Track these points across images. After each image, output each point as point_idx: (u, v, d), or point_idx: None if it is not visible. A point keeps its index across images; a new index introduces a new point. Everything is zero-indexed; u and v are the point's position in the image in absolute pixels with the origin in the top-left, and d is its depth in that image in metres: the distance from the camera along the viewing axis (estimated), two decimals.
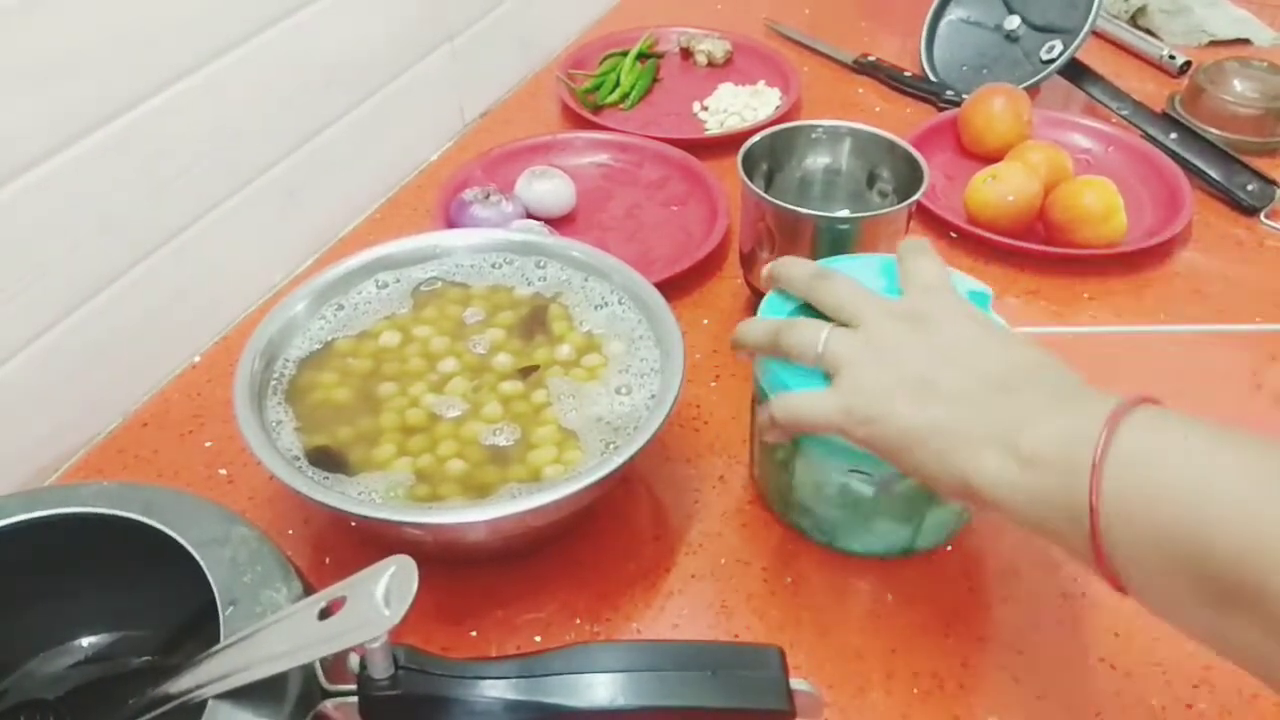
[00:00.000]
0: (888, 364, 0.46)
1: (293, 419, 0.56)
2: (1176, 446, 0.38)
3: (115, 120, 0.61)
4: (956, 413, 0.44)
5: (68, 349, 0.63)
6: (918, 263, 0.51)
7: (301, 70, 0.76)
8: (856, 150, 0.74)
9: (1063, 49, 0.97)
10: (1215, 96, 0.95)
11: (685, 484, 0.63)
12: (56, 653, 0.49)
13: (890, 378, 0.46)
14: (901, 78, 1.04)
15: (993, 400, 0.44)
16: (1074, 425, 0.40)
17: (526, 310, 0.63)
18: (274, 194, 0.76)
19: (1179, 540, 0.36)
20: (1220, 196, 0.88)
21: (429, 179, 0.91)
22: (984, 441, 0.43)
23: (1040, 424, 0.42)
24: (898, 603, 0.56)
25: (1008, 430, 0.42)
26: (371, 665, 0.37)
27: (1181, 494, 0.36)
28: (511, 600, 0.56)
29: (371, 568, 0.36)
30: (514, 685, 0.39)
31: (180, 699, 0.37)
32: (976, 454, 0.43)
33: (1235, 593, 0.34)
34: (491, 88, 1.02)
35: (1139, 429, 0.39)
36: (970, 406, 0.44)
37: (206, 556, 0.41)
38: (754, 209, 0.70)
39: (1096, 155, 0.92)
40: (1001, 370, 0.45)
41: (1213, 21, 1.13)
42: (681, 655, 0.40)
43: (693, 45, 1.08)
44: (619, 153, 0.92)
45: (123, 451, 0.66)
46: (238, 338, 0.74)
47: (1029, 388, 0.44)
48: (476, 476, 0.54)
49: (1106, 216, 0.78)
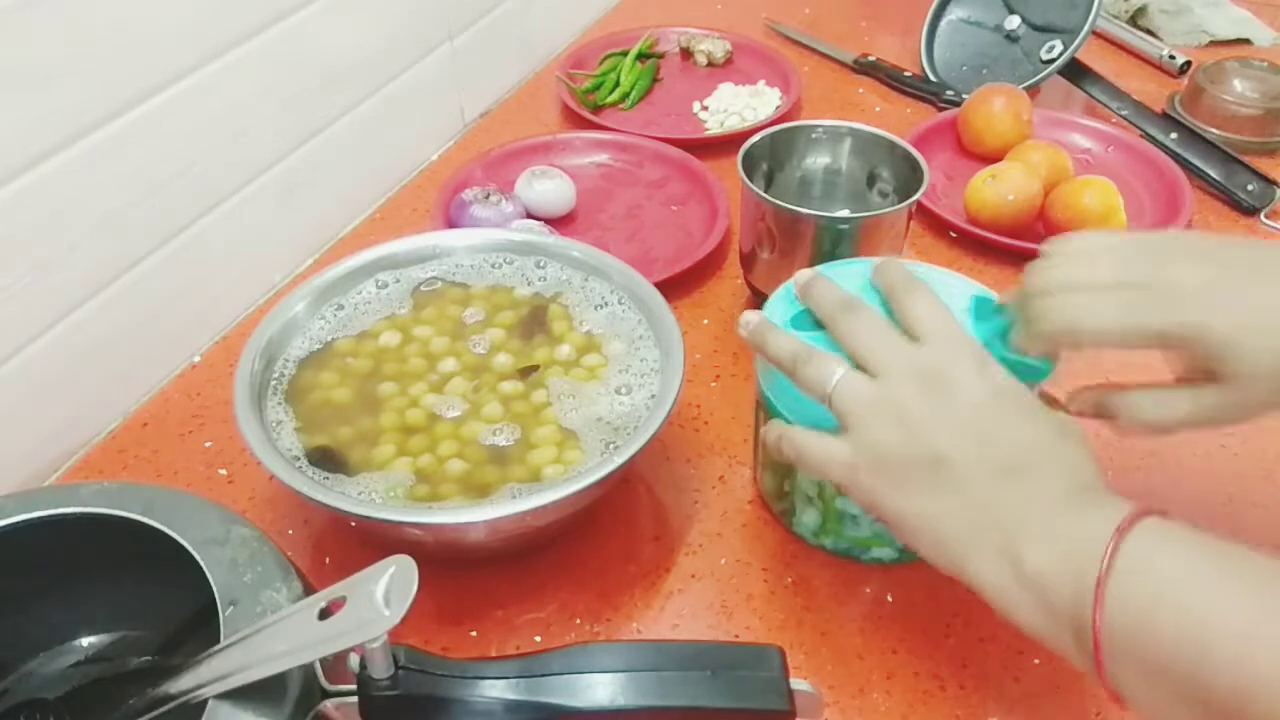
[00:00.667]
0: (901, 432, 0.44)
1: (293, 419, 0.56)
2: (1181, 571, 0.38)
3: (115, 120, 0.61)
4: (959, 505, 0.43)
5: (68, 349, 0.63)
6: (917, 305, 0.47)
7: (301, 70, 0.76)
8: (857, 150, 0.74)
9: (1063, 49, 0.97)
10: (1215, 96, 0.95)
11: (685, 484, 0.63)
12: (57, 652, 0.49)
13: (901, 449, 0.44)
14: (902, 78, 1.04)
15: (999, 492, 0.42)
16: (1077, 540, 0.40)
17: (526, 310, 0.63)
18: (274, 194, 0.76)
19: (1179, 666, 0.36)
20: (1220, 196, 0.88)
21: (429, 179, 0.91)
22: (985, 545, 0.42)
23: (1042, 537, 0.41)
24: (898, 603, 0.56)
25: (1010, 536, 0.41)
26: (371, 665, 0.37)
27: (1185, 622, 0.36)
28: (511, 600, 0.56)
29: (371, 568, 0.36)
30: (514, 685, 0.39)
31: (180, 699, 0.37)
32: (977, 555, 0.42)
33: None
34: (492, 88, 1.02)
35: (1143, 547, 0.38)
36: (974, 499, 0.43)
37: (206, 557, 0.41)
38: (754, 209, 0.70)
39: (1096, 155, 0.92)
40: (1013, 452, 0.43)
41: (1213, 21, 1.13)
42: (682, 655, 0.40)
43: (693, 45, 1.08)
44: (619, 153, 0.92)
45: (123, 451, 0.66)
46: (238, 338, 0.74)
47: (1038, 476, 0.42)
48: (476, 476, 0.54)
49: (1106, 216, 0.78)
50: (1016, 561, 0.41)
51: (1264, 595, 0.36)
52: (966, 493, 0.43)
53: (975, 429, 0.43)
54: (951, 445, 0.43)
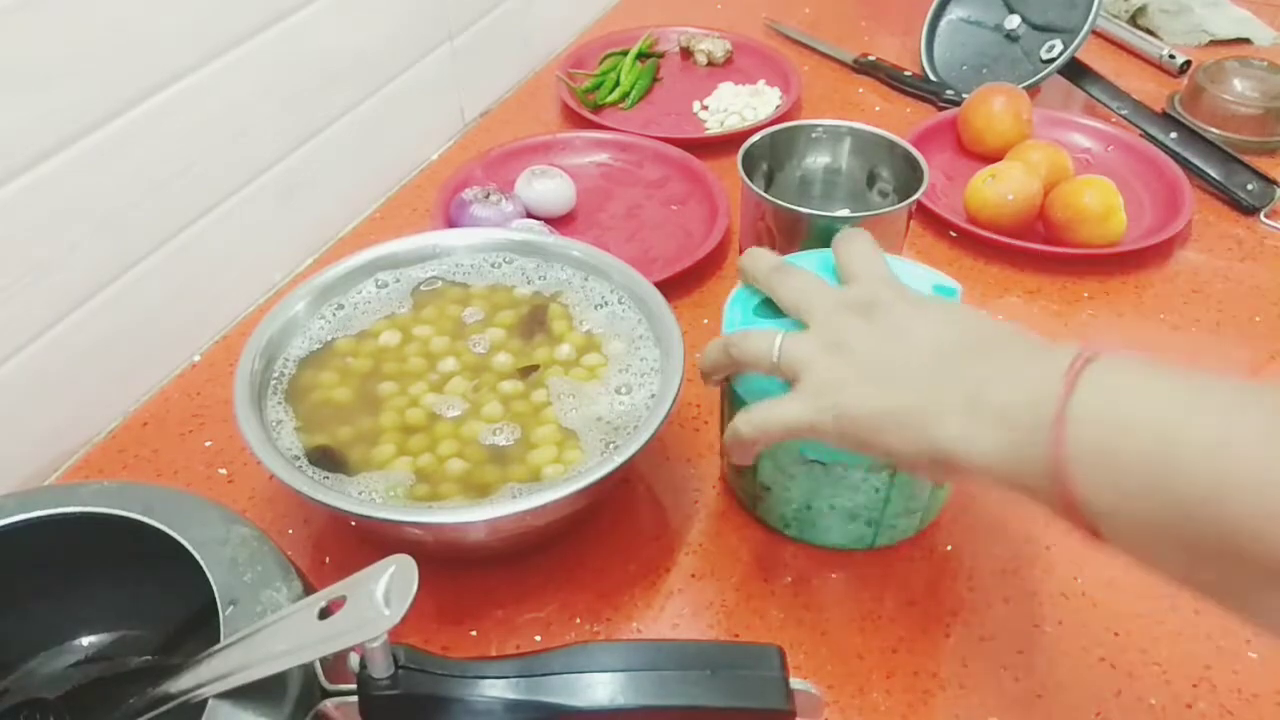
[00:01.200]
0: (845, 356, 0.46)
1: (293, 419, 0.56)
2: (1139, 388, 0.37)
3: (115, 120, 0.61)
4: (920, 385, 0.44)
5: (67, 348, 0.63)
6: (851, 251, 0.51)
7: (301, 70, 0.76)
8: (856, 150, 0.74)
9: (1063, 48, 0.97)
10: (1215, 96, 0.95)
11: (685, 484, 0.63)
12: (57, 652, 0.49)
13: (850, 369, 0.46)
14: (901, 77, 1.04)
15: (956, 368, 0.43)
16: (1038, 378, 0.40)
17: (526, 310, 0.63)
18: (274, 194, 0.76)
19: (1147, 482, 0.35)
20: (1220, 196, 0.88)
21: (429, 178, 0.91)
22: (952, 408, 0.42)
23: (1005, 382, 0.41)
24: (898, 603, 0.56)
25: (974, 393, 0.42)
26: (371, 665, 0.37)
27: (1147, 435, 0.36)
28: (511, 600, 0.56)
29: (371, 567, 0.36)
30: (514, 685, 0.39)
31: (180, 698, 0.37)
32: (944, 421, 0.42)
33: (1206, 531, 0.34)
34: (492, 87, 1.02)
35: (1101, 375, 0.38)
36: (934, 377, 0.43)
37: (207, 556, 0.41)
38: (754, 209, 0.70)
39: (1096, 155, 0.92)
40: (962, 340, 0.44)
41: (1213, 21, 1.13)
42: (682, 655, 0.40)
43: (693, 45, 1.08)
44: (619, 152, 0.92)
45: (122, 451, 0.66)
46: (238, 337, 0.74)
47: (992, 352, 0.43)
48: (476, 476, 0.54)
49: (1106, 216, 0.78)
50: (984, 409, 0.41)
51: (1231, 403, 0.35)
52: (926, 377, 0.44)
53: (919, 332, 0.45)
54: (898, 348, 0.45)
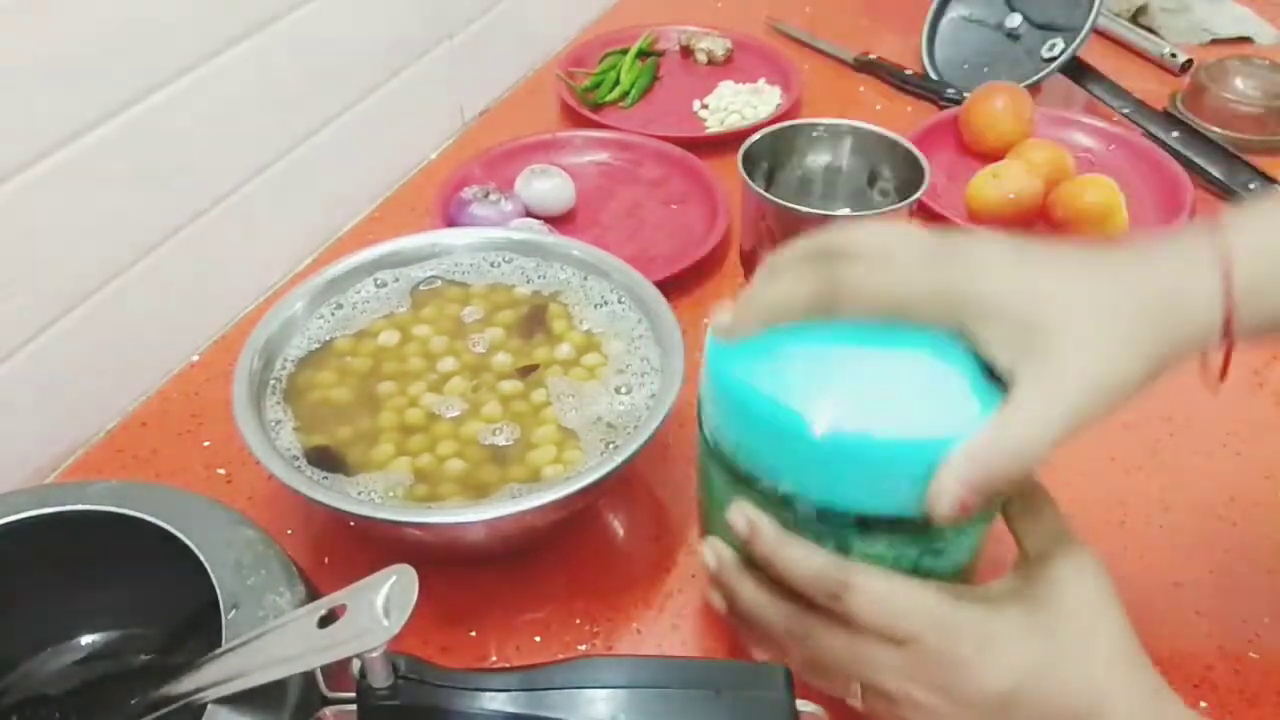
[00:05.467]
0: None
1: (291, 418, 0.56)
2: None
3: (114, 119, 0.61)
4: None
5: (66, 348, 0.63)
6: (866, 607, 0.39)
7: (300, 68, 0.75)
8: (857, 149, 0.74)
9: (1064, 47, 0.97)
10: (1217, 95, 0.94)
11: (685, 484, 0.63)
12: (60, 650, 0.49)
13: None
14: (902, 76, 1.03)
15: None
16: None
17: (526, 309, 0.63)
18: (272, 192, 0.76)
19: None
20: (1222, 195, 0.88)
21: (428, 177, 0.91)
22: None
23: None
24: None
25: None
26: (371, 674, 0.37)
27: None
28: (511, 600, 0.56)
29: (372, 576, 0.35)
30: (514, 698, 0.38)
31: (181, 701, 0.37)
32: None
33: None
34: (491, 86, 1.02)
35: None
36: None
37: (212, 559, 0.41)
38: (754, 208, 0.70)
39: (1098, 154, 0.92)
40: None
41: (1214, 20, 1.13)
42: (686, 672, 0.40)
43: (693, 43, 1.08)
44: (619, 151, 0.91)
45: (121, 451, 0.65)
46: (236, 336, 0.73)
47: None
48: (476, 476, 0.54)
49: (1108, 215, 0.78)
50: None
51: None
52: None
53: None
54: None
